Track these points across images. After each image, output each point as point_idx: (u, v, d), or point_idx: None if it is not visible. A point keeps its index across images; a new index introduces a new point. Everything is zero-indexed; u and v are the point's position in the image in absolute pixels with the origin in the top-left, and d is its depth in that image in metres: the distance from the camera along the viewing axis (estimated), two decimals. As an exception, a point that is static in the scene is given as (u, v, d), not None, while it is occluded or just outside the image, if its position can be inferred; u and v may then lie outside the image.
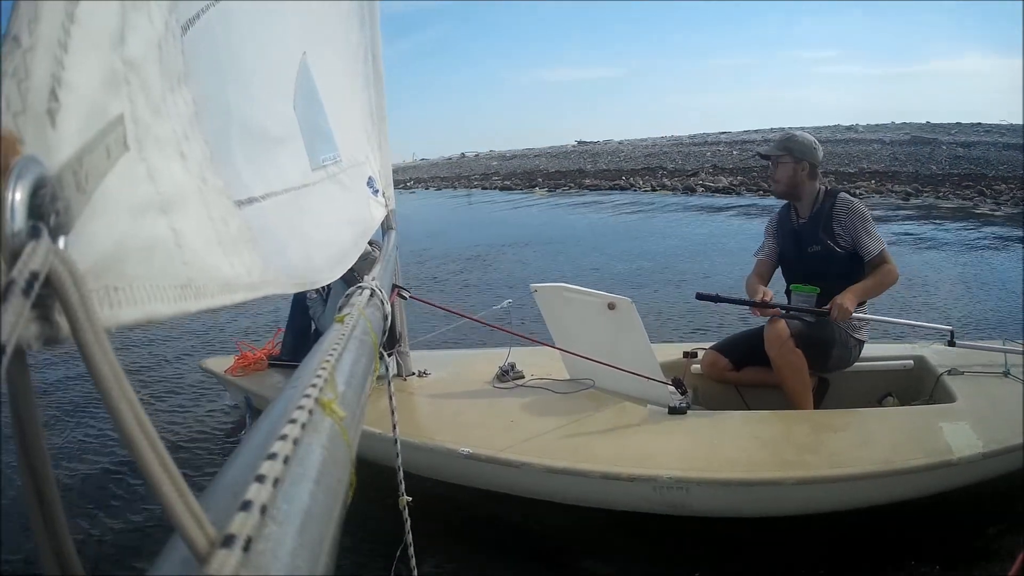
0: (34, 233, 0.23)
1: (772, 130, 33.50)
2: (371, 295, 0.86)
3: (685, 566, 1.85)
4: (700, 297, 2.32)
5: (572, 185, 19.36)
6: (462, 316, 2.38)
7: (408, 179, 31.54)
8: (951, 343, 2.26)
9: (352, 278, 1.01)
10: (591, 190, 17.84)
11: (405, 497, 1.09)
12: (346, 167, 1.26)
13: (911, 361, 2.38)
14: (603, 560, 1.91)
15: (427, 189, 26.38)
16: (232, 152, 0.68)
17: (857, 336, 2.21)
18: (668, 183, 16.78)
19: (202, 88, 0.50)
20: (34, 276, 0.22)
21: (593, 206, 14.19)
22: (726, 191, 14.49)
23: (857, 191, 12.21)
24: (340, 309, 0.78)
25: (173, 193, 0.36)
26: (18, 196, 0.22)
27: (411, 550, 1.08)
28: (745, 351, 2.31)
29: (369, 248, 1.99)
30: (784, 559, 1.82)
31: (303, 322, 2.84)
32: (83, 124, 0.27)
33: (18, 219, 0.22)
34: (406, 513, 1.08)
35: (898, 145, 20.85)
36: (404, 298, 2.21)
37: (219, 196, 0.45)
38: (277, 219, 0.76)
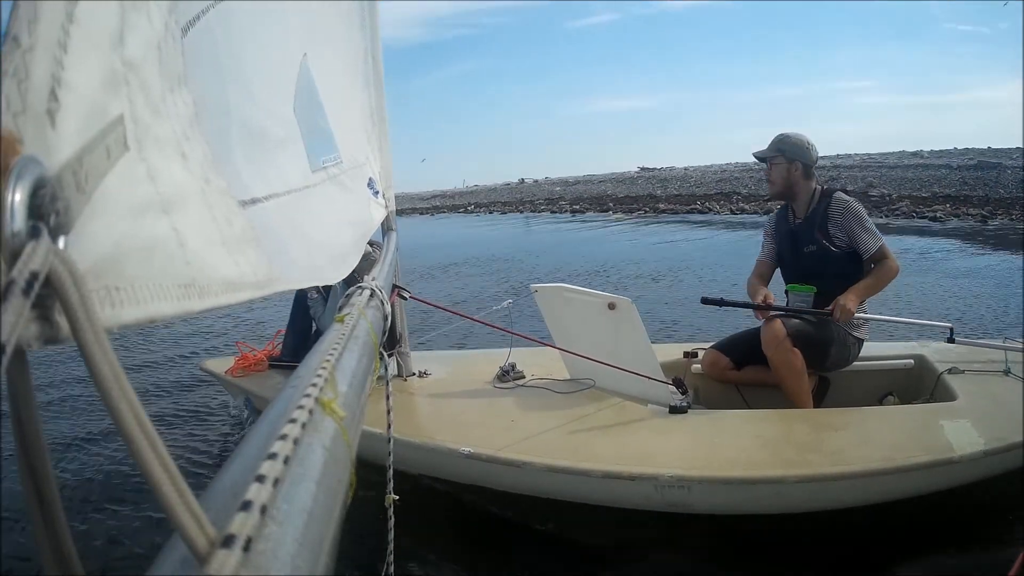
0: (34, 233, 0.23)
1: (837, 156, 33.40)
2: (371, 295, 0.86)
3: (686, 565, 1.86)
4: (705, 301, 2.34)
5: (647, 209, 19.39)
6: (462, 316, 2.37)
7: (468, 203, 32.01)
8: (951, 340, 2.26)
9: (352, 278, 1.01)
10: (668, 213, 17.84)
11: (392, 495, 1.09)
12: (347, 168, 1.26)
13: (911, 360, 2.38)
14: (604, 560, 1.91)
15: (490, 213, 26.42)
16: (233, 153, 0.68)
17: (856, 334, 2.21)
18: (747, 207, 16.68)
19: (203, 89, 0.50)
20: (34, 276, 0.22)
21: (685, 228, 14.09)
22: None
23: (936, 215, 12.47)
24: (340, 309, 0.78)
25: (174, 193, 0.36)
26: (18, 196, 0.22)
27: (390, 547, 1.08)
28: (745, 350, 2.31)
29: (369, 248, 1.99)
30: (785, 557, 1.82)
31: (304, 322, 2.84)
32: (83, 124, 0.27)
33: (18, 219, 0.22)
34: (391, 511, 1.08)
35: (965, 170, 20.64)
36: (404, 298, 2.21)
37: (222, 196, 0.45)
38: (279, 220, 0.76)
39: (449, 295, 6.71)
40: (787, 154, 2.26)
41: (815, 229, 2.22)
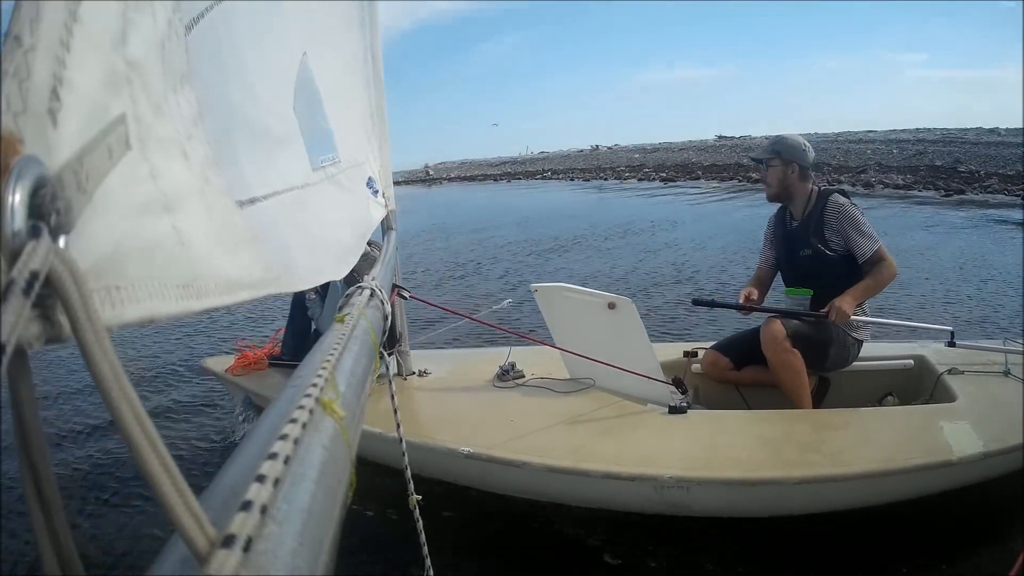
0: (34, 233, 0.23)
1: (918, 130, 32.10)
2: (371, 295, 0.86)
3: (687, 566, 1.86)
4: (697, 303, 2.34)
5: (739, 178, 18.60)
6: (462, 316, 2.38)
7: (544, 170, 31.47)
8: (951, 344, 2.26)
9: (351, 278, 1.01)
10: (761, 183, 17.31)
11: (415, 496, 1.08)
12: (345, 168, 1.26)
13: (911, 361, 2.38)
14: (604, 560, 1.91)
15: (571, 180, 25.73)
16: (235, 152, 0.68)
17: (855, 335, 2.21)
18: (843, 179, 15.88)
19: (205, 88, 0.50)
20: (34, 276, 0.22)
21: None
22: (906, 188, 13.92)
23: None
24: (340, 309, 0.78)
25: (175, 192, 0.36)
26: (18, 196, 0.22)
27: (425, 549, 1.07)
28: (745, 350, 2.31)
29: (368, 248, 1.99)
30: (784, 559, 1.82)
31: (303, 322, 2.84)
32: (84, 124, 0.27)
33: (18, 219, 0.22)
34: (417, 513, 1.07)
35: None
36: (404, 298, 2.21)
37: (222, 196, 0.45)
38: (279, 219, 0.76)
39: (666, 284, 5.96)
40: (784, 156, 2.25)
41: (810, 233, 2.21)
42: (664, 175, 22.19)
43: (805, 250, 2.23)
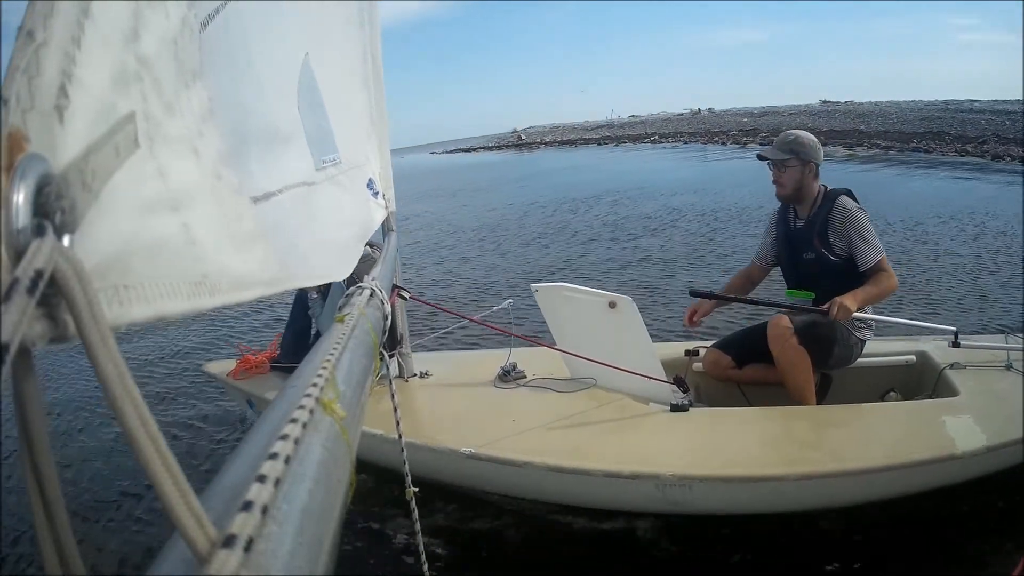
0: (39, 231, 0.23)
1: (1007, 102, 29.91)
2: (371, 295, 0.86)
3: (689, 564, 1.85)
4: (695, 294, 2.32)
5: (868, 145, 17.66)
6: (462, 317, 2.37)
7: (652, 133, 30.58)
8: (955, 344, 2.24)
9: (351, 279, 1.01)
10: (894, 151, 16.00)
11: (412, 488, 1.09)
12: (346, 168, 1.26)
13: (913, 356, 2.38)
14: (606, 559, 1.91)
15: (686, 143, 24.56)
16: (246, 149, 0.68)
17: (859, 335, 2.20)
18: (972, 150, 14.80)
19: (217, 84, 0.50)
20: (39, 274, 0.22)
21: (943, 170, 11.91)
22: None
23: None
24: (340, 309, 0.78)
25: (184, 190, 0.36)
26: (22, 194, 0.22)
27: (419, 537, 1.08)
28: (747, 349, 2.30)
29: (368, 250, 1.98)
30: (788, 556, 1.82)
31: (304, 322, 2.84)
32: (92, 122, 0.27)
33: (22, 217, 0.22)
34: (413, 503, 1.07)
35: None
36: (404, 298, 2.21)
37: (233, 193, 0.45)
38: (289, 216, 0.76)
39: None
40: (802, 156, 2.19)
41: (814, 236, 2.17)
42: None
43: (808, 253, 2.20)
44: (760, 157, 2.31)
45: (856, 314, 2.07)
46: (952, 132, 18.93)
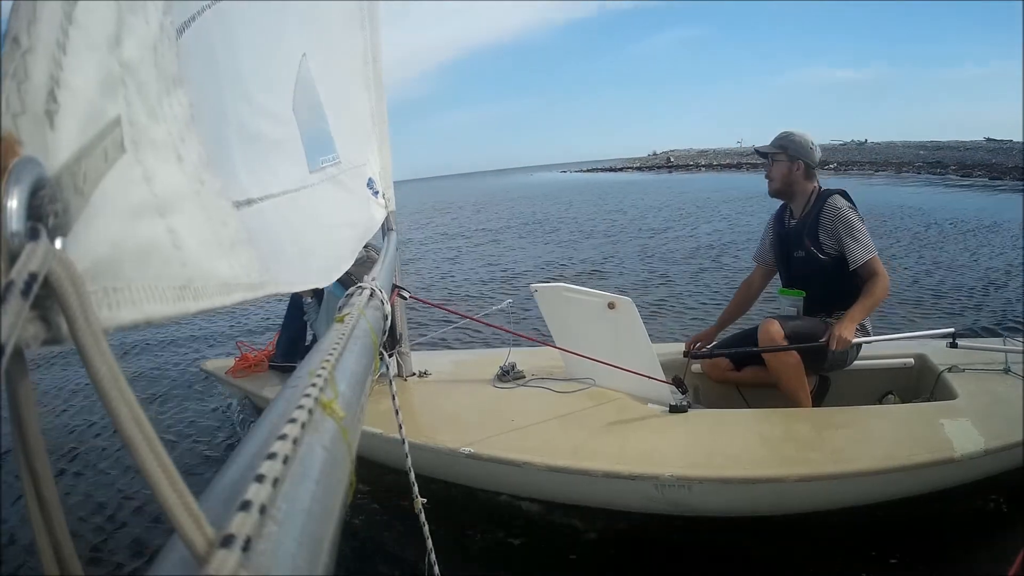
0: (33, 234, 0.23)
1: None
2: (371, 295, 0.86)
3: (688, 565, 1.85)
4: (694, 356, 2.36)
5: None
6: (462, 316, 2.38)
7: (829, 161, 27.73)
8: (953, 345, 2.25)
9: (349, 281, 1.01)
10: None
11: (420, 499, 1.07)
12: (345, 168, 1.26)
13: (912, 359, 2.38)
14: (605, 559, 1.91)
15: (872, 176, 21.75)
16: (229, 154, 0.68)
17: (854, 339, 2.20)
18: None
19: (198, 90, 0.50)
20: (33, 277, 0.22)
21: None
22: None
23: None
24: (340, 309, 0.78)
25: (170, 195, 0.36)
26: (17, 197, 0.22)
27: (432, 555, 1.04)
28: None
29: (365, 252, 1.99)
30: (787, 556, 1.82)
31: (298, 324, 2.84)
32: (81, 126, 0.27)
33: (17, 220, 0.22)
34: (423, 516, 1.04)
35: None
36: (404, 298, 2.21)
37: (217, 197, 0.45)
38: (275, 220, 0.76)
39: None
40: (789, 152, 2.22)
41: (805, 233, 2.19)
42: (980, 172, 19.09)
43: (798, 251, 2.22)
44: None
45: (854, 340, 2.06)
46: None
